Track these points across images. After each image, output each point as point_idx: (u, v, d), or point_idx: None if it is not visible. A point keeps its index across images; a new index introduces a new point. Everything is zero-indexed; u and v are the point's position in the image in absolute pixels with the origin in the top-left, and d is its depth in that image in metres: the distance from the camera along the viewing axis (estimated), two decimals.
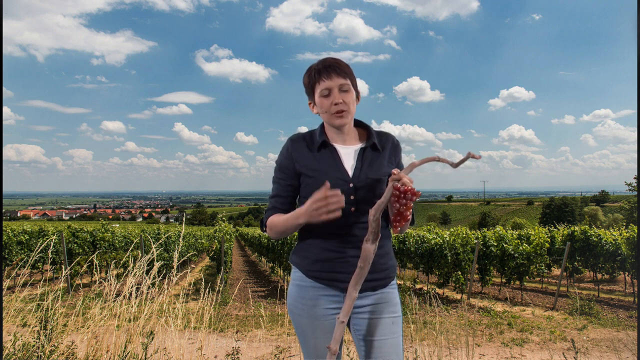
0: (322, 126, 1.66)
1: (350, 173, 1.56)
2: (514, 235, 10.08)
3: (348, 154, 1.61)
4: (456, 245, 9.19)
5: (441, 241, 9.45)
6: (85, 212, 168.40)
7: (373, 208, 1.36)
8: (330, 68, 1.56)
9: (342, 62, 1.59)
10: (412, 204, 1.36)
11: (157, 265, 2.79)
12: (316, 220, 1.41)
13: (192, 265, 15.49)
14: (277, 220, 1.60)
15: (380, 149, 1.63)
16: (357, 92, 1.64)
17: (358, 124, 1.71)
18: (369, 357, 1.58)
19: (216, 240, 10.07)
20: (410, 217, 1.41)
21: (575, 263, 10.16)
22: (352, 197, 1.53)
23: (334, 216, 1.38)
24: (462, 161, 1.28)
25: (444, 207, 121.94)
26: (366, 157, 1.60)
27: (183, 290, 3.86)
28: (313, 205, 1.39)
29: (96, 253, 5.30)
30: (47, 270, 10.63)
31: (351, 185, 1.53)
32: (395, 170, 1.37)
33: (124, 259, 6.15)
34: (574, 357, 2.57)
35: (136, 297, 2.68)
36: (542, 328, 6.28)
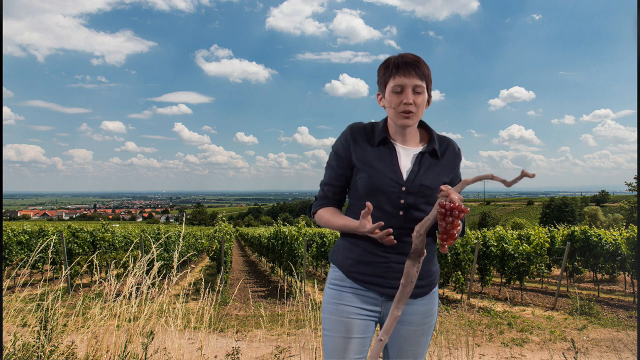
0: (385, 121, 1.62)
1: (405, 176, 1.51)
2: (514, 235, 10.08)
3: (407, 155, 1.56)
4: (456, 245, 9.19)
5: None
6: (85, 212, 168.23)
7: (418, 224, 1.28)
8: (410, 66, 1.49)
9: (423, 62, 1.52)
10: (459, 222, 1.27)
11: (157, 265, 2.79)
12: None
13: (192, 265, 15.49)
14: (329, 218, 1.59)
15: (439, 156, 1.57)
16: (430, 97, 1.57)
17: (421, 125, 1.65)
18: None
19: (216, 240, 10.07)
20: (457, 236, 1.30)
21: (575, 263, 10.16)
22: (402, 202, 1.49)
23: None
24: (516, 180, 1.20)
25: None
26: (423, 163, 1.54)
27: (183, 290, 3.86)
28: (373, 235, 1.41)
29: (96, 253, 5.31)
30: (47, 270, 10.63)
31: (403, 188, 1.49)
32: (443, 187, 1.28)
33: (124, 259, 6.15)
34: (574, 357, 2.57)
35: (136, 297, 2.68)
36: (542, 328, 6.28)
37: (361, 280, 1.54)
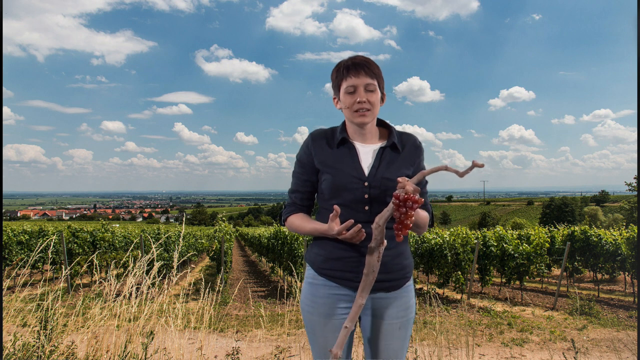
0: (343, 123, 1.67)
1: (366, 172, 1.56)
2: (514, 235, 10.08)
3: (367, 152, 1.61)
4: (456, 245, 9.19)
5: (441, 241, 9.45)
6: (85, 212, 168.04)
7: (378, 216, 1.35)
8: (359, 66, 1.56)
9: (372, 61, 1.59)
10: (413, 213, 1.32)
11: (157, 265, 2.79)
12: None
13: (192, 265, 15.48)
14: (299, 224, 1.64)
15: (399, 150, 1.62)
16: (383, 94, 1.64)
17: (380, 124, 1.70)
18: (372, 359, 1.61)
19: (216, 240, 10.07)
20: (411, 225, 1.36)
21: (575, 263, 10.16)
22: (366, 196, 1.53)
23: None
24: (467, 171, 1.25)
25: (444, 207, 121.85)
26: (384, 157, 1.59)
27: (183, 290, 3.85)
28: (340, 236, 1.46)
29: (96, 253, 5.31)
30: (47, 270, 10.63)
31: (366, 184, 1.54)
32: (400, 179, 1.34)
33: (124, 259, 6.15)
34: (574, 357, 2.57)
35: (136, 297, 2.68)
36: (542, 328, 6.28)
37: (333, 277, 1.57)
